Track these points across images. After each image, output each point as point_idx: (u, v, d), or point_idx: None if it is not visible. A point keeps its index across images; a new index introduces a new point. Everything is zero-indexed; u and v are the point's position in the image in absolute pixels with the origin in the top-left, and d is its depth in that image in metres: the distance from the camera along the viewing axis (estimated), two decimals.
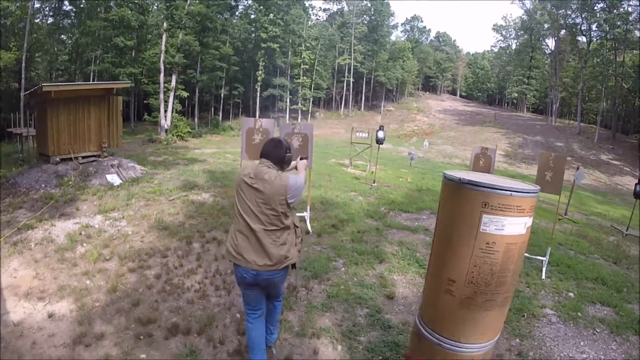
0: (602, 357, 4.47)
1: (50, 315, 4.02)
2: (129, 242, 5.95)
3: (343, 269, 5.75)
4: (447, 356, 2.55)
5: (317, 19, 61.13)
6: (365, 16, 61.91)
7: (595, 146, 41.82)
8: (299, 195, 3.21)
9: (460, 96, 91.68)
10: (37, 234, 6.26)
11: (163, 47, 34.26)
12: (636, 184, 12.49)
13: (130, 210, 7.53)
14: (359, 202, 10.27)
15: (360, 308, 4.68)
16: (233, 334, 3.89)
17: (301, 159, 3.69)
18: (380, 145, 14.00)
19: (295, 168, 3.65)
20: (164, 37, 34.28)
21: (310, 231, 7.17)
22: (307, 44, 50.97)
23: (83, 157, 11.21)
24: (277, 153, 3.25)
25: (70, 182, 9.63)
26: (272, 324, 3.68)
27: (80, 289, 4.58)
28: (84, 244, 5.94)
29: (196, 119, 43.01)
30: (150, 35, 41.35)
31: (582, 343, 4.68)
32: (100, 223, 6.64)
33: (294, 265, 3.26)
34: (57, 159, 10.72)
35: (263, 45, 46.21)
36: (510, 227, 2.27)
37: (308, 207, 7.59)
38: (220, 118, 47.21)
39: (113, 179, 10.32)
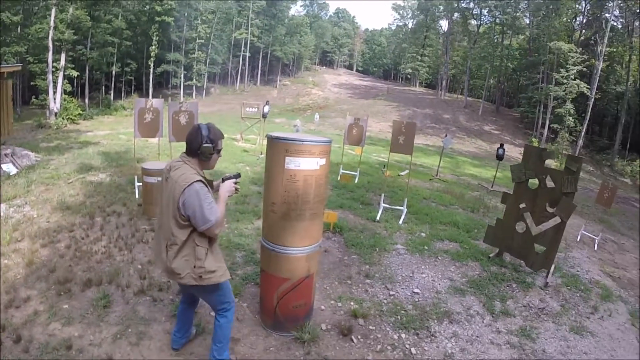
0: (440, 275, 5.88)
1: None
2: (36, 224, 6.22)
3: (227, 225, 6.70)
4: (280, 258, 3.70)
5: None
6: None
7: (480, 118, 46.35)
8: (194, 214, 2.73)
9: (357, 71, 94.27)
10: None
11: (52, 23, 30.87)
12: (498, 148, 14.73)
13: (31, 196, 7.70)
14: (245, 172, 11.30)
15: (239, 252, 5.72)
16: (137, 279, 4.70)
17: (223, 179, 3.16)
18: (275, 120, 14.86)
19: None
20: (52, 11, 30.92)
21: None
22: (204, 18, 49.42)
23: None
24: (191, 142, 2.89)
25: None
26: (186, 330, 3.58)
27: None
28: None
29: (87, 100, 40.55)
30: (37, 8, 36.74)
31: (423, 267, 6.09)
32: (5, 211, 6.79)
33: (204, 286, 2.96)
34: None
35: (157, 18, 44.16)
36: (305, 164, 3.47)
37: None
38: (112, 97, 44.76)
39: (9, 168, 10.12)
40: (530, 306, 5.41)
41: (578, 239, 9.60)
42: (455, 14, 55.01)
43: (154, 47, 45.46)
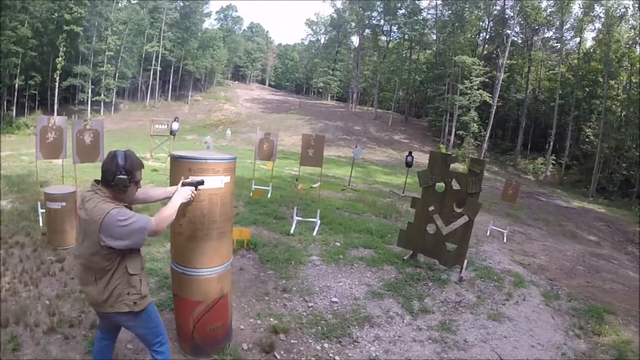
0: (357, 282, 5.94)
1: None
2: None
3: None
4: (191, 281, 3.54)
5: (128, 1, 56.14)
6: (179, 1, 59.66)
7: (390, 128, 48.06)
8: (125, 235, 2.54)
9: (270, 85, 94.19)
10: None
11: None
12: (407, 156, 15.34)
13: None
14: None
15: (152, 277, 5.40)
16: (45, 316, 4.29)
17: (183, 184, 3.04)
18: (186, 137, 14.49)
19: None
20: None
21: None
22: (114, 28, 46.69)
23: None
24: (105, 171, 2.63)
25: None
26: None
27: None
28: None
29: None
30: None
31: (340, 276, 6.13)
32: None
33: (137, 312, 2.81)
34: None
35: (66, 27, 40.94)
36: (209, 183, 3.34)
37: None
38: (15, 113, 40.79)
39: None
40: (448, 301, 5.64)
41: (488, 234, 10.25)
42: (366, 30, 57.20)
43: (60, 58, 42.03)
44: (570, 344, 4.90)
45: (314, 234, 8.12)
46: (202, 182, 3.10)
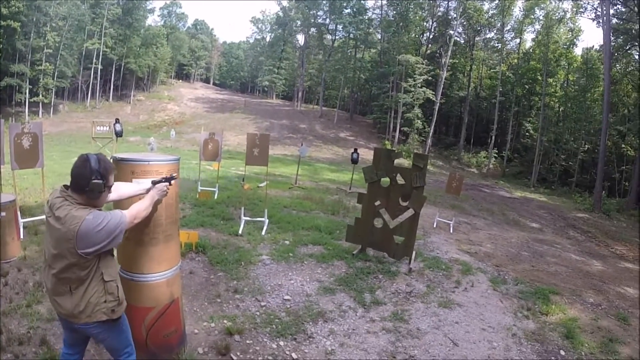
0: (308, 279, 5.98)
1: None
2: None
3: None
4: (140, 287, 3.42)
5: None
6: None
7: (335, 126, 48.52)
8: (104, 240, 2.45)
9: (214, 84, 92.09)
10: None
11: None
12: (352, 153, 15.50)
13: None
14: None
15: None
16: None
17: (153, 182, 2.99)
18: (129, 138, 14.00)
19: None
20: None
21: None
22: (54, 24, 43.66)
23: None
24: (77, 176, 2.46)
25: None
26: None
27: None
28: None
29: None
30: None
31: (290, 273, 6.14)
32: None
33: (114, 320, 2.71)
34: None
35: (2, 22, 37.80)
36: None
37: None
38: None
39: None
40: (399, 292, 5.79)
41: (434, 226, 10.57)
42: (312, 29, 57.44)
43: None
44: (520, 325, 5.16)
45: (263, 233, 8.09)
46: (173, 178, 3.05)
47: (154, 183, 2.96)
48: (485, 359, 4.38)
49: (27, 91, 43.15)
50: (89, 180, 2.42)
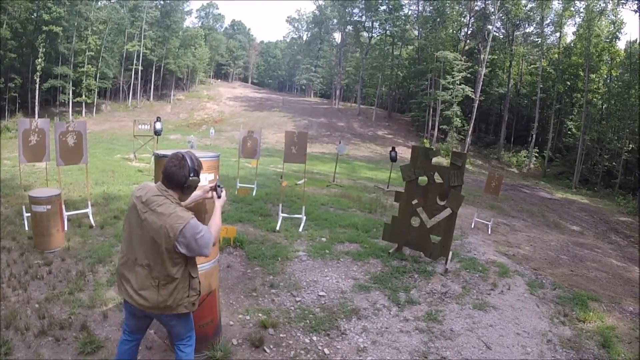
0: (344, 276, 6.02)
1: None
2: None
3: None
4: None
5: None
6: (159, 0, 58.50)
7: (373, 124, 48.09)
8: (198, 248, 2.60)
9: (252, 83, 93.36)
10: None
11: None
12: (390, 151, 15.44)
13: None
14: None
15: None
16: (36, 320, 4.25)
17: (213, 188, 3.09)
18: (170, 136, 14.31)
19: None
20: None
21: (94, 225, 7.51)
22: (94, 28, 45.42)
23: None
24: (174, 174, 2.64)
25: None
26: None
27: None
28: None
29: None
30: None
31: (326, 270, 6.20)
32: None
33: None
34: None
35: (45, 28, 39.73)
36: None
37: (89, 203, 7.87)
38: None
39: None
40: (434, 292, 5.73)
41: (472, 226, 10.39)
42: (348, 27, 57.27)
43: (40, 59, 40.61)
44: (556, 331, 5.01)
45: (300, 230, 8.17)
46: (219, 188, 3.11)
47: (214, 188, 3.06)
48: None
49: (71, 92, 44.71)
50: (187, 178, 2.64)
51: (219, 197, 3.05)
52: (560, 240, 10.87)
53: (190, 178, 2.65)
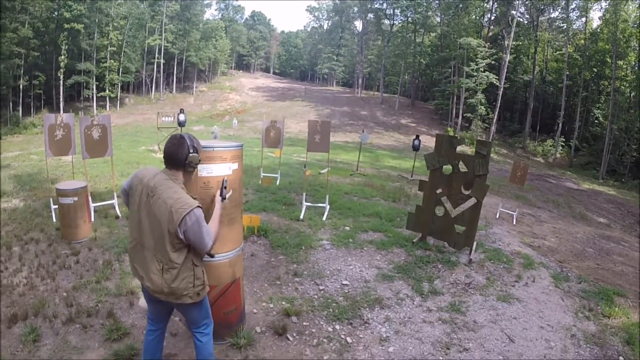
0: (367, 265, 6.02)
1: None
2: None
3: None
4: (205, 266, 3.53)
5: None
6: None
7: (397, 112, 47.80)
8: (197, 239, 2.64)
9: (274, 73, 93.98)
10: None
11: None
12: (414, 140, 15.31)
13: None
14: None
15: None
16: (63, 308, 4.38)
17: (224, 186, 3.17)
18: (193, 128, 14.42)
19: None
20: None
21: (120, 215, 7.67)
22: (115, 24, 46.36)
23: None
24: (175, 153, 2.69)
25: None
26: None
27: None
28: None
29: None
30: None
31: (350, 259, 6.20)
32: None
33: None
34: None
35: (66, 25, 40.80)
36: (218, 170, 3.42)
37: (115, 195, 8.04)
38: (21, 114, 40.92)
39: None
40: (457, 283, 5.68)
41: (497, 216, 10.24)
42: (369, 15, 56.82)
43: (63, 56, 41.79)
44: (580, 326, 4.90)
45: (324, 218, 8.19)
46: (224, 184, 3.18)
47: (221, 188, 3.14)
48: (541, 359, 4.21)
49: (94, 87, 45.78)
50: (187, 155, 2.68)
51: (223, 198, 3.11)
52: (587, 233, 10.61)
53: (191, 154, 2.69)
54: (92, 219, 7.13)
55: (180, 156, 2.68)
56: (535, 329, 4.72)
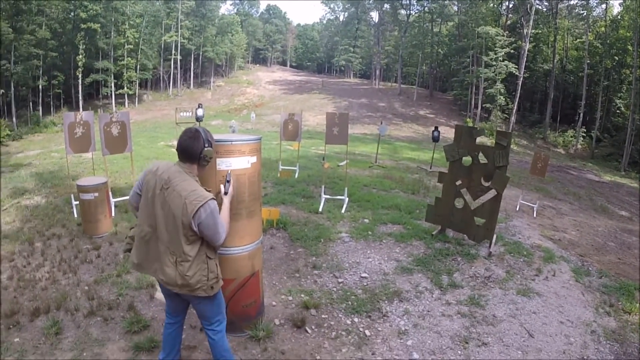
0: (386, 257, 6.00)
1: None
2: None
3: None
4: (223, 260, 3.52)
5: None
6: None
7: (415, 104, 47.47)
8: (210, 232, 2.66)
9: (291, 66, 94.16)
10: None
11: None
12: (433, 131, 15.17)
13: None
14: None
15: None
16: (85, 301, 4.47)
17: (227, 180, 3.16)
18: (211, 122, 14.49)
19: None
20: None
21: None
22: (131, 22, 47.17)
23: None
24: (190, 146, 2.69)
25: None
26: None
27: None
28: None
29: (14, 119, 37.53)
30: None
31: (369, 252, 6.20)
32: None
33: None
34: None
35: (83, 25, 41.65)
36: (236, 163, 3.42)
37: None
38: (41, 113, 41.67)
39: None
40: (477, 276, 5.63)
41: (517, 209, 10.11)
42: (385, 5, 56.28)
43: (81, 56, 42.59)
44: (600, 322, 4.80)
45: (343, 211, 8.18)
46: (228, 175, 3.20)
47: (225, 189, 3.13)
48: (560, 354, 4.14)
49: (113, 84, 46.61)
50: (202, 148, 2.69)
51: (226, 192, 3.10)
52: (608, 226, 10.39)
53: (206, 148, 2.70)
54: (113, 214, 7.24)
55: (195, 150, 2.69)
56: (555, 324, 4.65)
